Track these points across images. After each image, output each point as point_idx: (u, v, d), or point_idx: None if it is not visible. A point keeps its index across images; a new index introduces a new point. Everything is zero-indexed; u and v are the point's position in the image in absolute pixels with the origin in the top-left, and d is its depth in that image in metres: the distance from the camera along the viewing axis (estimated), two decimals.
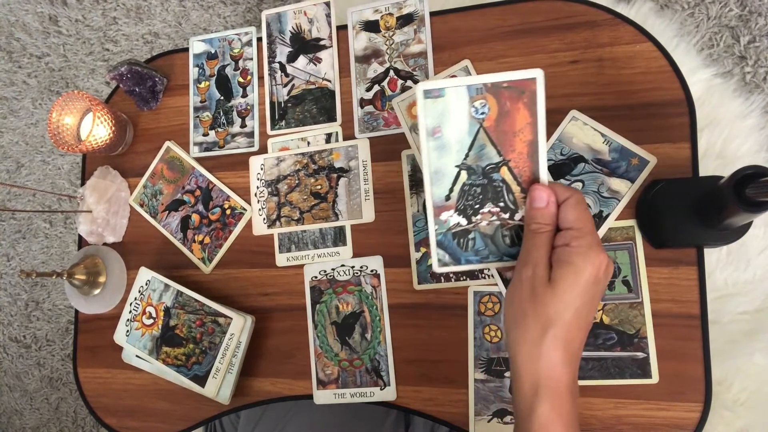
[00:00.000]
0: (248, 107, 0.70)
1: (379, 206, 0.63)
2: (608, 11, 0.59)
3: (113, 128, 0.68)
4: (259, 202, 0.67)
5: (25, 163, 1.50)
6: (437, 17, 0.64)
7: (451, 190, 0.42)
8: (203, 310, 0.62)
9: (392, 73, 0.65)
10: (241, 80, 0.71)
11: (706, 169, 0.69)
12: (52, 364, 1.48)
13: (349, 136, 0.65)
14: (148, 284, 0.65)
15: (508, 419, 0.57)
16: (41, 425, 1.49)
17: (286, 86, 0.68)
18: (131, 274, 0.72)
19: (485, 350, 0.59)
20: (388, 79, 0.65)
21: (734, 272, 0.74)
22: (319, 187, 0.65)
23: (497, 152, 0.40)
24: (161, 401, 0.69)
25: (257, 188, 0.68)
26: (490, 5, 0.63)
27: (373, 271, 0.63)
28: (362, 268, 0.63)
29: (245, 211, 0.68)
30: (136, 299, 0.65)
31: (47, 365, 1.48)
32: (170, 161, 0.71)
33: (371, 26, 0.66)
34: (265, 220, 0.67)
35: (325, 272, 0.64)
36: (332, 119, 0.66)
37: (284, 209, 0.66)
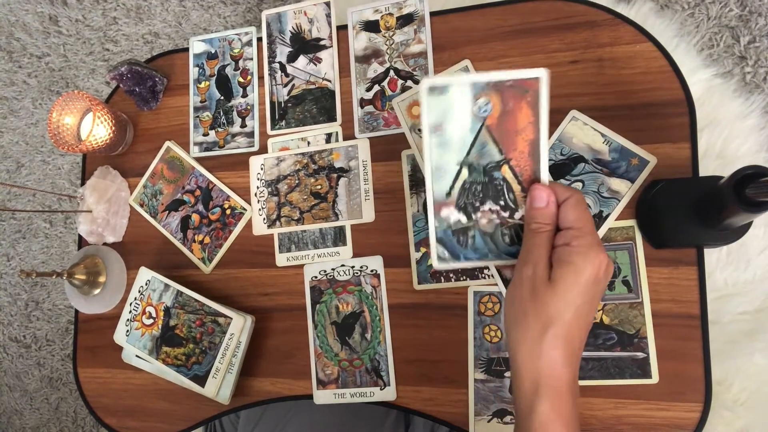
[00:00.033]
0: (248, 107, 0.70)
1: (379, 206, 0.63)
2: (608, 11, 0.59)
3: (113, 128, 0.68)
4: (259, 202, 0.67)
5: (25, 163, 1.50)
6: (437, 17, 0.64)
7: (452, 187, 0.42)
8: (203, 310, 0.62)
9: (392, 73, 0.65)
10: (241, 80, 0.71)
11: (706, 169, 0.69)
12: (52, 364, 1.48)
13: (349, 136, 0.65)
14: (148, 284, 0.65)
15: (508, 419, 0.57)
16: (41, 425, 1.49)
17: (286, 86, 0.68)
18: (131, 274, 0.72)
19: (485, 350, 0.59)
20: (388, 79, 0.65)
21: (734, 272, 0.74)
22: (319, 187, 0.65)
23: (499, 150, 0.40)
24: (161, 401, 0.69)
25: (257, 188, 0.68)
26: (490, 5, 0.63)
27: (373, 271, 0.63)
28: (362, 268, 0.63)
29: (245, 211, 0.68)
30: (136, 299, 0.65)
31: (47, 365, 1.48)
32: (170, 161, 0.71)
33: (371, 26, 0.66)
34: (265, 220, 0.67)
35: (325, 272, 0.64)
36: (332, 119, 0.66)
37: (284, 209, 0.66)
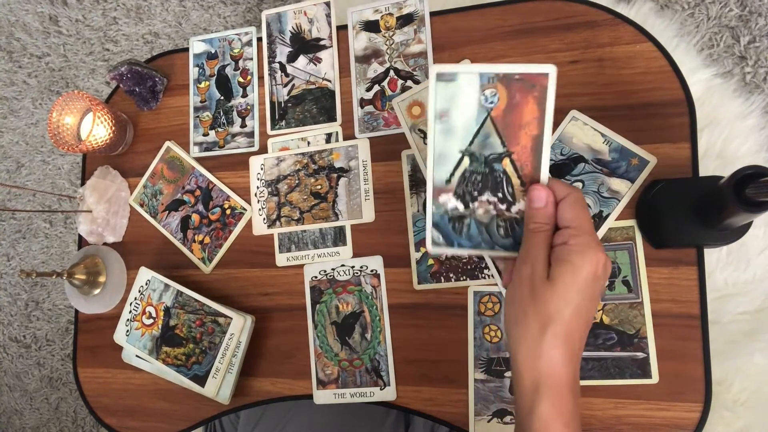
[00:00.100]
0: (248, 107, 0.70)
1: (379, 206, 0.63)
2: (608, 11, 0.59)
3: (113, 128, 0.68)
4: (259, 202, 0.67)
5: (25, 163, 1.50)
6: (437, 17, 0.64)
7: (452, 174, 0.42)
8: (203, 310, 0.62)
9: (392, 73, 0.65)
10: (241, 80, 0.71)
11: (706, 169, 0.69)
12: (52, 364, 1.48)
13: (349, 136, 0.65)
14: (148, 284, 0.65)
15: (508, 419, 0.57)
16: (41, 425, 1.49)
17: (286, 86, 0.68)
18: (131, 274, 0.72)
19: (485, 350, 0.59)
20: (388, 79, 0.65)
21: (734, 272, 0.74)
22: (319, 187, 0.65)
23: (501, 143, 0.40)
24: (161, 401, 0.69)
25: (257, 188, 0.68)
26: (490, 5, 0.63)
27: (373, 271, 0.63)
28: (362, 268, 0.63)
29: (245, 211, 0.68)
30: (136, 299, 0.65)
31: (47, 365, 1.48)
32: (170, 161, 0.71)
33: (371, 26, 0.66)
34: (265, 220, 0.67)
35: (325, 272, 0.64)
36: (332, 119, 0.66)
37: (284, 209, 0.66)
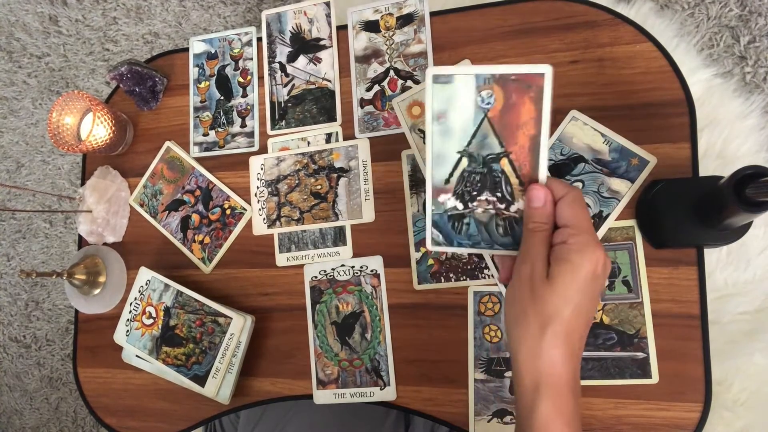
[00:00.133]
0: (248, 107, 0.70)
1: (379, 206, 0.63)
2: (608, 11, 0.59)
3: (113, 128, 0.68)
4: (259, 202, 0.67)
5: (25, 163, 1.50)
6: (437, 17, 0.64)
7: (451, 174, 0.42)
8: (203, 310, 0.62)
9: (392, 73, 0.65)
10: (241, 80, 0.71)
11: (706, 169, 0.69)
12: (52, 364, 1.48)
13: (349, 136, 0.65)
14: (148, 284, 0.65)
15: (508, 419, 0.57)
16: (41, 425, 1.49)
17: (286, 86, 0.68)
18: (131, 274, 0.72)
19: (485, 350, 0.59)
20: (388, 79, 0.65)
21: (734, 272, 0.74)
22: (319, 187, 0.65)
23: (499, 143, 0.41)
24: (161, 401, 0.69)
25: (257, 188, 0.68)
26: (490, 5, 0.63)
27: (373, 271, 0.63)
28: (362, 268, 0.63)
29: (245, 211, 0.68)
30: (136, 299, 0.65)
31: (47, 365, 1.48)
32: (170, 161, 0.71)
33: (371, 26, 0.66)
34: (265, 220, 0.67)
35: (325, 272, 0.64)
36: (332, 119, 0.66)
37: (284, 209, 0.66)
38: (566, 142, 0.58)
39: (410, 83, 0.64)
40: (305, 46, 0.68)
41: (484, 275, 0.59)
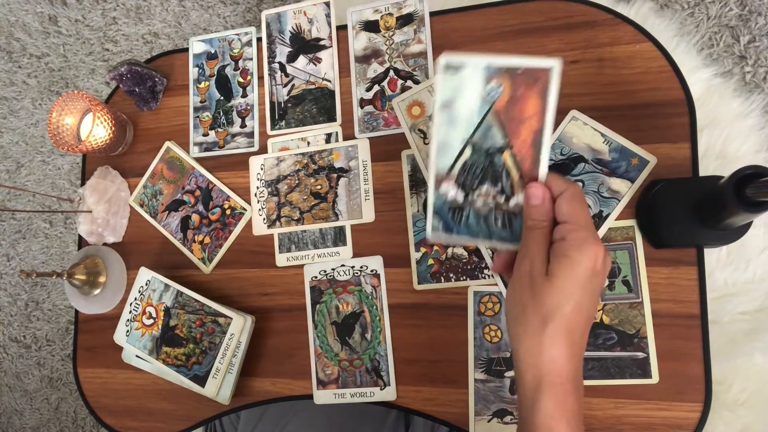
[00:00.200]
0: (248, 107, 0.70)
1: (379, 206, 0.63)
2: (608, 11, 0.59)
3: (113, 128, 0.68)
4: (259, 202, 0.67)
5: (25, 163, 1.50)
6: (437, 17, 0.64)
7: (453, 164, 0.42)
8: (203, 310, 0.62)
9: (392, 73, 0.65)
10: (241, 80, 0.71)
11: (706, 169, 0.69)
12: (52, 364, 1.48)
13: (349, 136, 0.65)
14: (148, 284, 0.65)
15: (508, 419, 0.57)
16: (41, 425, 1.49)
17: (286, 86, 0.68)
18: (131, 274, 0.72)
19: (485, 350, 0.59)
20: (388, 79, 0.65)
21: (734, 272, 0.74)
22: (319, 187, 0.65)
23: (503, 136, 0.40)
24: (161, 401, 0.69)
25: (257, 188, 0.68)
26: (490, 5, 0.63)
27: (373, 271, 0.63)
28: (362, 268, 0.63)
29: (245, 211, 0.68)
30: (136, 299, 0.65)
31: (47, 365, 1.48)
32: (170, 161, 0.71)
33: (371, 26, 0.66)
34: (265, 220, 0.67)
35: (325, 272, 0.64)
36: (332, 119, 0.66)
37: (284, 209, 0.66)
38: (566, 142, 0.58)
39: (410, 83, 0.64)
40: (305, 46, 0.68)
41: (484, 275, 0.59)
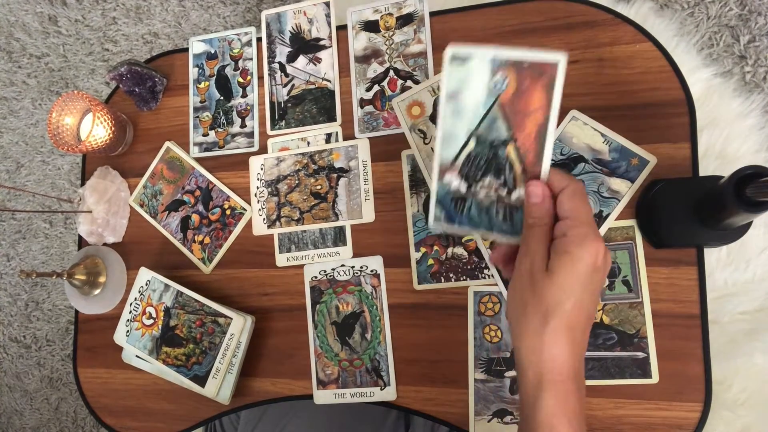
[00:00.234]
0: (248, 107, 0.70)
1: (379, 206, 0.63)
2: (608, 11, 0.59)
3: (113, 128, 0.68)
4: (259, 202, 0.67)
5: (25, 163, 1.50)
6: (437, 17, 0.64)
7: (458, 155, 0.42)
8: (203, 310, 0.62)
9: (392, 73, 0.65)
10: (240, 80, 0.71)
11: (706, 169, 0.69)
12: (52, 364, 1.48)
13: (349, 136, 0.65)
14: (148, 284, 0.65)
15: (508, 419, 0.57)
16: (41, 425, 1.49)
17: (285, 86, 0.68)
18: (131, 274, 0.72)
19: (485, 350, 0.59)
20: (387, 79, 0.65)
21: (734, 272, 0.74)
22: (319, 187, 0.65)
23: (507, 128, 0.40)
24: (161, 401, 0.69)
25: (257, 188, 0.68)
26: (489, 5, 0.63)
27: (373, 271, 0.63)
28: (362, 268, 0.63)
29: (245, 211, 0.68)
30: (136, 299, 0.65)
31: (47, 365, 1.48)
32: (170, 161, 0.71)
33: (371, 26, 0.66)
34: (265, 220, 0.67)
35: (325, 272, 0.64)
36: (332, 119, 0.66)
37: (284, 209, 0.66)
38: (566, 142, 0.58)
39: (410, 83, 0.64)
40: (305, 46, 0.68)
41: (484, 275, 0.59)
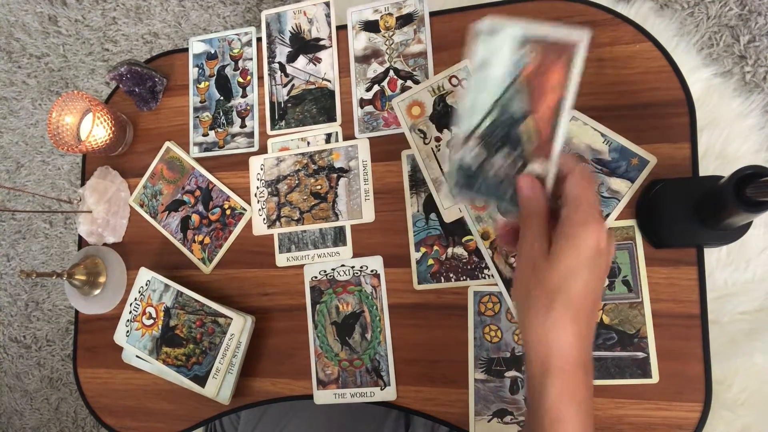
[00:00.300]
0: (248, 107, 0.70)
1: (379, 206, 0.63)
2: (608, 11, 0.59)
3: (113, 128, 0.68)
4: (259, 202, 0.67)
5: (24, 163, 1.50)
6: (437, 17, 0.64)
7: (477, 126, 0.43)
8: (203, 310, 0.62)
9: (392, 73, 0.65)
10: (240, 80, 0.71)
11: (706, 169, 0.69)
12: (52, 364, 1.48)
13: (349, 136, 0.65)
14: (148, 284, 0.65)
15: (508, 419, 0.57)
16: (41, 425, 1.49)
17: (285, 86, 0.68)
18: (131, 274, 0.71)
19: (485, 350, 0.59)
20: (387, 79, 0.65)
21: (734, 272, 0.74)
22: (319, 187, 0.65)
23: (526, 103, 0.41)
24: (161, 401, 0.69)
25: (257, 188, 0.68)
26: (489, 5, 0.63)
27: (373, 271, 0.63)
28: (362, 268, 0.63)
29: (245, 211, 0.68)
30: (136, 299, 0.65)
31: (47, 365, 1.48)
32: (170, 161, 0.71)
33: (371, 26, 0.66)
34: (265, 220, 0.67)
35: (325, 272, 0.64)
36: (332, 119, 0.66)
37: (284, 209, 0.66)
38: (566, 141, 0.58)
39: (410, 83, 0.64)
40: (305, 46, 0.68)
41: (484, 275, 0.59)
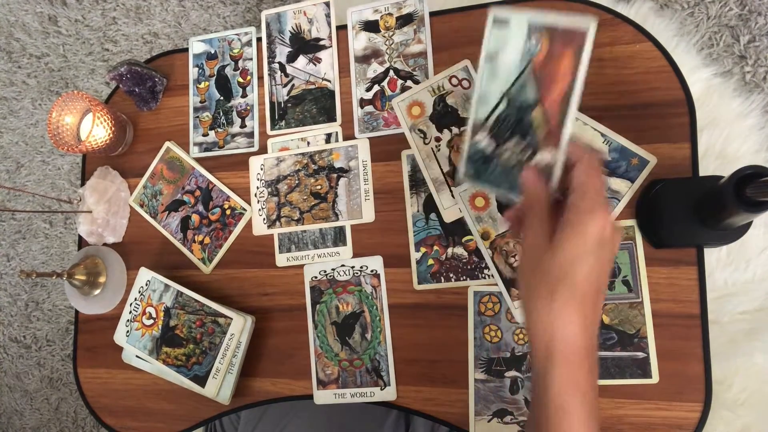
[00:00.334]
0: (248, 107, 0.70)
1: (379, 206, 0.63)
2: (608, 11, 0.59)
3: (113, 128, 0.68)
4: (259, 202, 0.67)
5: (24, 163, 1.50)
6: (437, 17, 0.64)
7: (489, 115, 0.44)
8: (203, 310, 0.62)
9: (392, 73, 0.65)
10: (240, 80, 0.71)
11: (706, 169, 0.69)
12: (52, 364, 1.48)
13: (349, 136, 0.65)
14: (148, 284, 0.65)
15: (508, 419, 0.57)
16: (41, 425, 1.49)
17: (285, 86, 0.68)
18: (131, 274, 0.72)
19: (485, 350, 0.59)
20: (387, 79, 0.65)
21: (734, 272, 0.74)
22: (319, 187, 0.65)
23: (536, 92, 0.41)
24: (161, 401, 0.69)
25: (257, 188, 0.68)
26: (489, 5, 0.62)
27: (373, 271, 0.63)
28: (362, 268, 0.63)
29: (245, 211, 0.68)
30: (136, 299, 0.65)
31: (47, 365, 1.48)
32: (170, 161, 0.71)
33: (371, 26, 0.66)
34: (265, 220, 0.67)
35: (325, 272, 0.64)
36: (332, 119, 0.66)
37: (284, 209, 0.66)
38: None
39: (410, 83, 0.64)
40: (305, 46, 0.68)
41: (484, 275, 0.59)
